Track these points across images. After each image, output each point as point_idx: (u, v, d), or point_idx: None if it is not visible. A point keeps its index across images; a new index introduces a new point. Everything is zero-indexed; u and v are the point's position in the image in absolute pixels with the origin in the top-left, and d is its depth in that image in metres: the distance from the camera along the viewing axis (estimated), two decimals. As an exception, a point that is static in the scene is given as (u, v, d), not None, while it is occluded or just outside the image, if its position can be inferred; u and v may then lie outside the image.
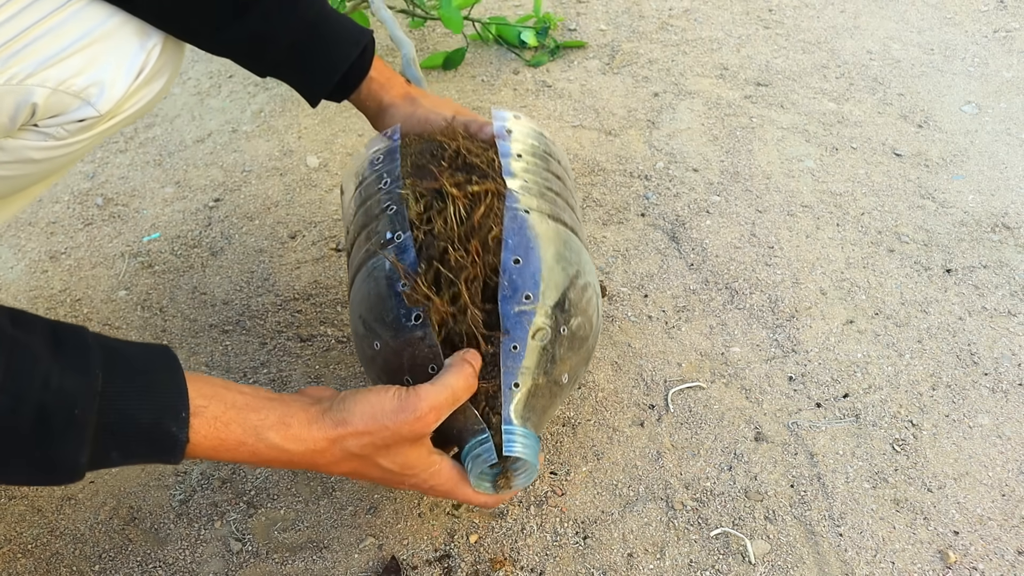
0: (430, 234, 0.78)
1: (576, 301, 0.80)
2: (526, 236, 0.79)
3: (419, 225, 0.79)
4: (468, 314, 0.75)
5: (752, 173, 1.35)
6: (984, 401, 1.01)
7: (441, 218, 0.78)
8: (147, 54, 0.84)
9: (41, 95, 0.77)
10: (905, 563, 0.87)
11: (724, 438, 0.99)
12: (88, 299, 1.21)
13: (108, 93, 0.81)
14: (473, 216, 0.78)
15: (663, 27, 1.69)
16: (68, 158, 0.86)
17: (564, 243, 0.82)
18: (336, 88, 0.95)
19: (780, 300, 1.14)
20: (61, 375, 0.57)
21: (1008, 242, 1.21)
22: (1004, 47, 1.60)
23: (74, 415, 0.57)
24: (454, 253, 0.76)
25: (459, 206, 0.78)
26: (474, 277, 0.76)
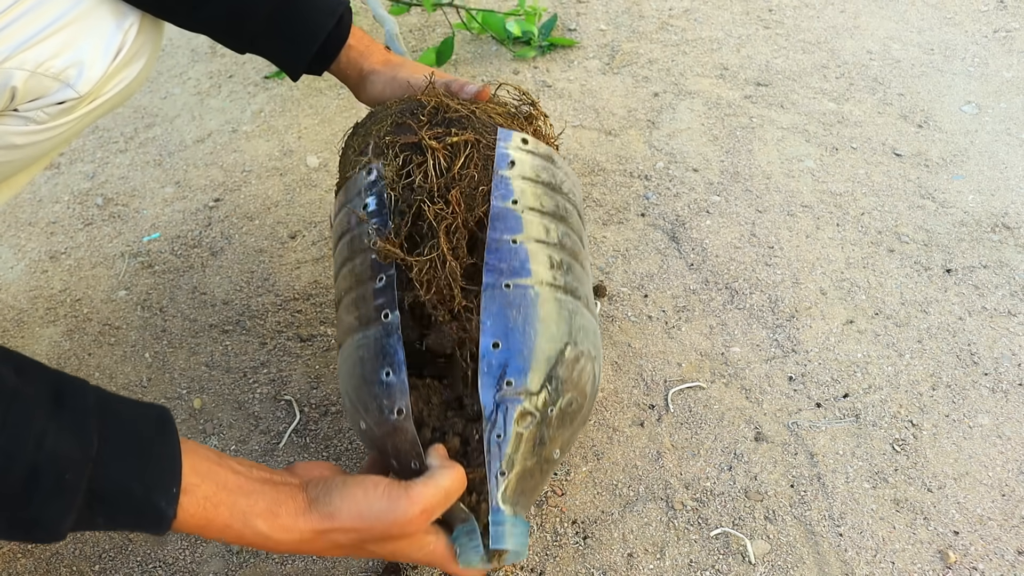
0: (408, 188, 0.77)
1: (566, 377, 0.75)
2: (505, 316, 0.74)
3: (397, 181, 0.78)
4: (447, 266, 0.74)
5: (752, 173, 1.35)
6: (984, 401, 1.01)
7: (421, 172, 0.77)
8: (124, 34, 0.84)
9: (20, 78, 0.77)
10: (905, 563, 0.87)
11: (724, 438, 0.99)
12: (88, 299, 1.21)
13: (87, 74, 0.81)
14: (453, 167, 0.77)
15: (663, 27, 1.69)
16: (51, 143, 0.86)
17: (551, 313, 0.76)
18: (316, 58, 0.94)
19: (780, 300, 1.14)
20: (57, 436, 0.56)
21: (1008, 242, 1.21)
22: (1004, 47, 1.60)
23: (64, 479, 0.56)
24: (433, 207, 0.75)
25: (439, 158, 0.77)
26: (456, 228, 0.75)
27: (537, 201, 0.82)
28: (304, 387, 1.07)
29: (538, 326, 0.75)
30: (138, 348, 1.13)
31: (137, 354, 1.12)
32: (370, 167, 0.82)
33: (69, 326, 1.17)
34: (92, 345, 1.14)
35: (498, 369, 0.72)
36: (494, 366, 0.72)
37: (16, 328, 1.17)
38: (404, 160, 0.79)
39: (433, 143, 0.78)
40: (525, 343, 0.74)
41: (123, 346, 1.14)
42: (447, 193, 0.76)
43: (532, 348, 0.74)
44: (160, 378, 1.09)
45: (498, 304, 0.74)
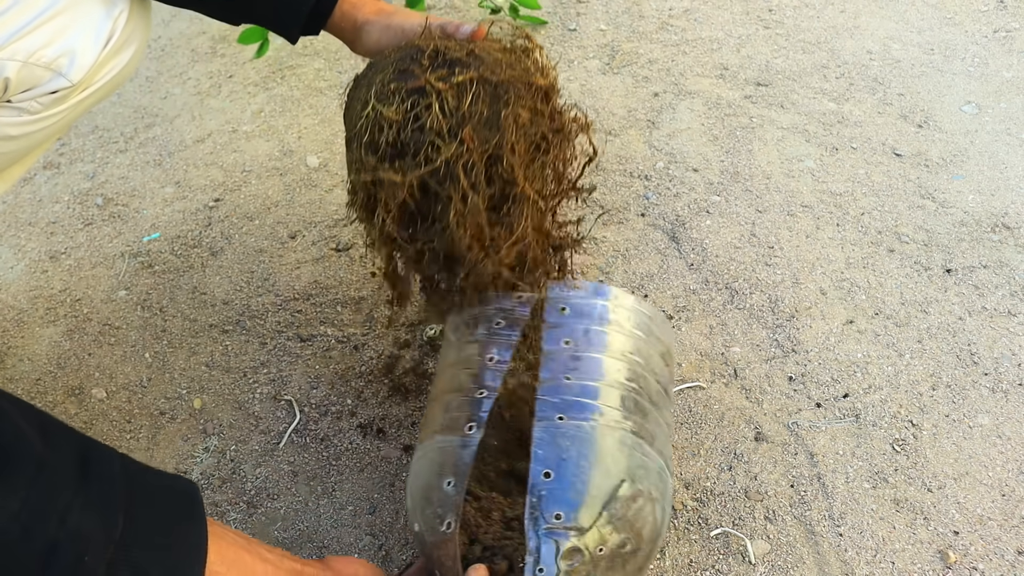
0: (419, 131, 0.76)
1: (621, 515, 0.71)
2: (558, 446, 0.71)
3: (406, 126, 0.77)
4: (468, 202, 0.75)
5: (752, 173, 1.35)
6: (984, 401, 1.01)
7: (429, 115, 0.76)
8: (114, 22, 0.84)
9: (12, 69, 0.77)
10: (905, 563, 0.86)
11: (724, 438, 0.99)
12: (88, 299, 1.21)
13: (79, 62, 0.81)
14: (462, 105, 0.75)
15: (663, 27, 1.69)
16: (46, 132, 0.87)
17: (609, 447, 0.73)
18: (311, 17, 0.93)
19: (780, 300, 1.14)
20: (81, 513, 0.53)
21: (1008, 242, 1.21)
22: (1004, 47, 1.60)
23: (83, 562, 0.53)
24: (447, 146, 0.74)
25: (446, 99, 0.76)
26: (472, 164, 0.75)
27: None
28: (304, 387, 1.07)
29: (592, 459, 0.71)
30: (138, 348, 1.13)
31: (137, 354, 1.12)
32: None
33: (69, 326, 1.17)
34: (92, 345, 1.14)
35: (548, 500, 0.69)
36: (544, 496, 0.69)
37: (16, 328, 1.17)
38: (411, 104, 0.77)
39: (440, 84, 0.76)
40: (578, 476, 0.70)
41: (123, 346, 1.14)
42: (459, 130, 0.75)
43: (586, 482, 0.70)
44: (160, 378, 1.09)
45: (551, 435, 0.72)
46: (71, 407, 1.06)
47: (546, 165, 0.82)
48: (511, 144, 0.76)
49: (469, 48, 0.82)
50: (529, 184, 0.79)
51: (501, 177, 0.77)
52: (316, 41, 1.72)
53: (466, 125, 0.75)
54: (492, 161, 0.77)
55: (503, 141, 0.76)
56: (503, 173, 0.77)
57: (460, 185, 0.74)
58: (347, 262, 1.23)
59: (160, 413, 1.05)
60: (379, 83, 0.81)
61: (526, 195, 0.78)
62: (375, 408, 1.04)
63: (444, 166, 0.75)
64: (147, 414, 1.05)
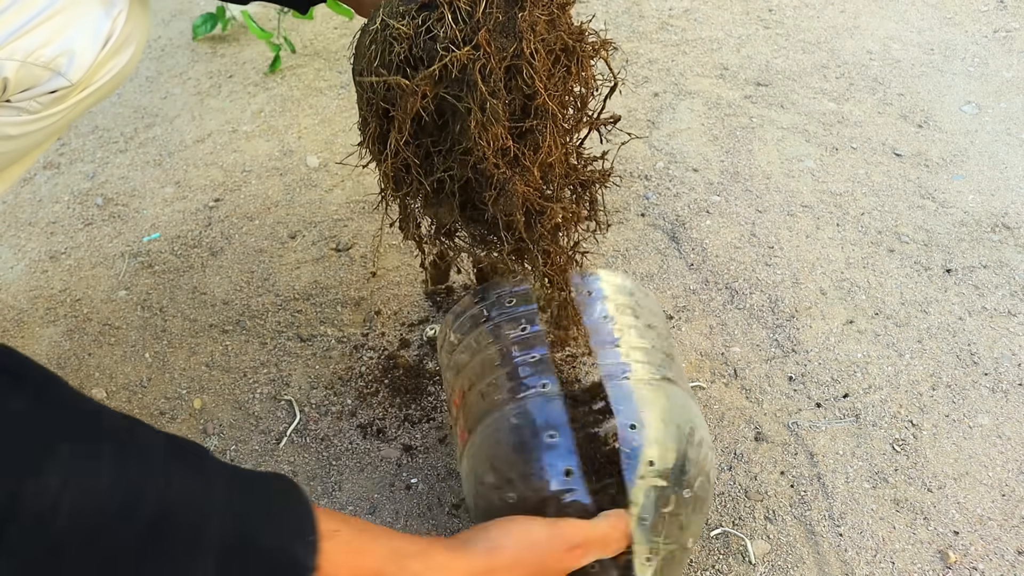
0: (431, 41, 0.72)
1: (696, 459, 0.76)
2: (633, 403, 0.75)
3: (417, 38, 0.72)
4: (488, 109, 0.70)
5: (752, 173, 1.35)
6: (984, 401, 1.01)
7: (442, 25, 0.71)
8: (113, 21, 0.84)
9: (11, 68, 0.77)
10: (905, 563, 0.86)
11: (724, 438, 0.99)
12: (88, 299, 1.21)
13: (78, 61, 0.81)
14: (476, 11, 0.70)
15: (663, 27, 1.69)
16: (46, 132, 0.86)
17: (674, 401, 0.77)
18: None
19: (780, 300, 1.14)
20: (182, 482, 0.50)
21: (1008, 242, 1.21)
22: (1004, 47, 1.60)
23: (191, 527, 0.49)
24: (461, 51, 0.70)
25: (459, 6, 0.71)
26: (490, 70, 0.71)
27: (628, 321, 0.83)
28: (304, 387, 1.07)
29: (663, 411, 0.75)
30: (138, 348, 1.13)
31: (137, 354, 1.12)
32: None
33: (69, 326, 1.17)
34: (92, 345, 1.14)
35: (639, 450, 0.72)
36: (635, 448, 0.72)
37: (16, 328, 1.17)
38: (423, 19, 0.72)
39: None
40: (657, 426, 0.74)
41: (123, 346, 1.14)
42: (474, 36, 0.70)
43: (664, 431, 0.74)
44: (160, 378, 1.09)
45: (623, 392, 0.75)
46: (71, 407, 1.06)
47: (567, 80, 0.77)
48: (530, 51, 0.72)
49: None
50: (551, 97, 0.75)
51: (521, 90, 0.73)
52: (316, 41, 1.72)
53: (481, 30, 0.70)
54: (511, 73, 0.73)
55: (521, 48, 0.72)
56: (523, 85, 0.72)
57: (478, 90, 0.70)
58: (347, 262, 1.23)
59: (160, 413, 1.05)
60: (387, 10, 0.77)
61: (548, 108, 0.74)
62: (375, 408, 1.04)
63: (461, 71, 0.71)
64: (147, 414, 1.05)
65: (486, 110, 0.71)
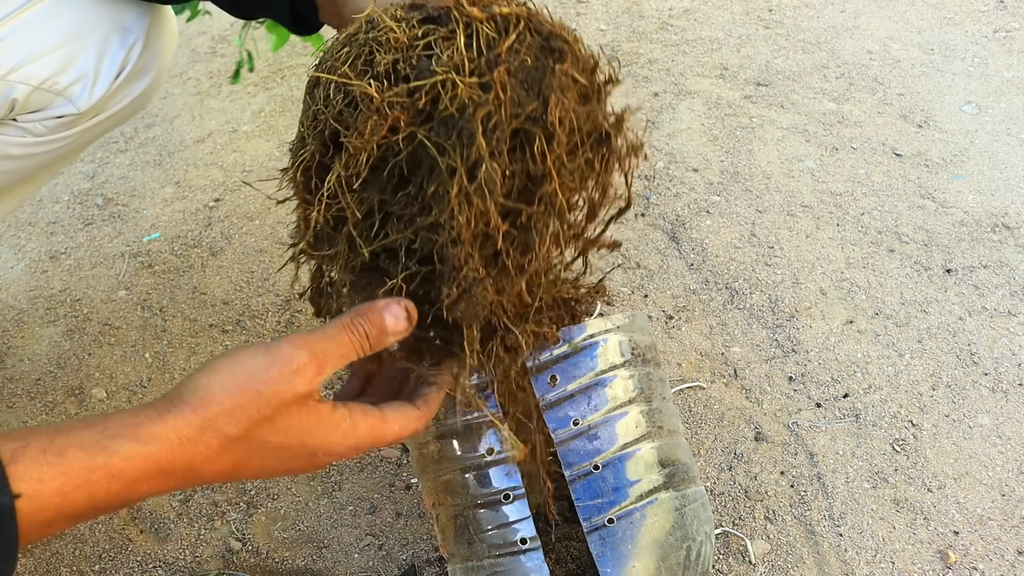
0: (427, 59, 0.53)
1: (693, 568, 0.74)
2: (619, 551, 0.71)
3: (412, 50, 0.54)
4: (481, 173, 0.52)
5: (752, 173, 1.35)
6: (984, 401, 1.01)
7: (449, 47, 0.53)
8: (128, 50, 0.83)
9: (22, 92, 0.76)
10: (905, 563, 0.87)
11: (724, 438, 0.99)
12: (88, 299, 1.21)
13: (89, 90, 0.80)
14: (499, 45, 0.53)
15: (663, 27, 1.69)
16: (51, 156, 0.86)
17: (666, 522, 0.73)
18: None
19: (780, 300, 1.14)
20: None
21: (1008, 242, 1.21)
22: (1004, 47, 1.60)
23: None
24: (465, 82, 0.51)
25: (480, 31, 0.53)
26: (497, 123, 0.52)
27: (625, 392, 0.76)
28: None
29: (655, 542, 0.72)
30: (138, 348, 1.13)
31: (137, 354, 1.12)
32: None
33: (69, 326, 1.17)
34: (92, 345, 1.14)
35: None
36: None
37: (16, 328, 1.17)
38: (424, 32, 0.54)
39: (474, 11, 0.54)
40: (648, 565, 0.71)
41: (123, 346, 1.14)
42: (488, 72, 0.52)
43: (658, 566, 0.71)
44: (160, 378, 1.09)
45: (610, 542, 0.71)
46: (71, 407, 1.06)
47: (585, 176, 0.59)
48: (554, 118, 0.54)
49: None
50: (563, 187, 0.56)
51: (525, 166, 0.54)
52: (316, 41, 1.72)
53: (499, 67, 0.52)
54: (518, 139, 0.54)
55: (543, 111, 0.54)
56: (530, 160, 0.54)
57: (475, 145, 0.51)
58: (347, 262, 1.23)
59: (160, 413, 1.05)
60: (377, 16, 0.58)
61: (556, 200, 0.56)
62: (375, 408, 1.04)
63: (457, 111, 0.52)
64: (147, 414, 1.05)
65: (477, 176, 0.52)
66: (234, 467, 0.54)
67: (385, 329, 0.55)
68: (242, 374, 0.52)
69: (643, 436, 0.75)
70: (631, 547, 0.71)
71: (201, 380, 0.52)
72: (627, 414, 0.75)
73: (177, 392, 0.52)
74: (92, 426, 0.49)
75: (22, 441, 0.47)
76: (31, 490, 0.45)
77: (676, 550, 0.72)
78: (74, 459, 0.47)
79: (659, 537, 0.72)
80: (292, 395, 0.53)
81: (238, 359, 0.52)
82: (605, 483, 0.72)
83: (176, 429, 0.51)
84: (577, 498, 0.71)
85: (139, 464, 0.49)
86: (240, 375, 0.52)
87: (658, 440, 0.75)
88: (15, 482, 0.45)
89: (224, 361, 0.53)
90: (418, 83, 0.52)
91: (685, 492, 0.75)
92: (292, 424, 0.54)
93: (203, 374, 0.52)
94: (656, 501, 0.72)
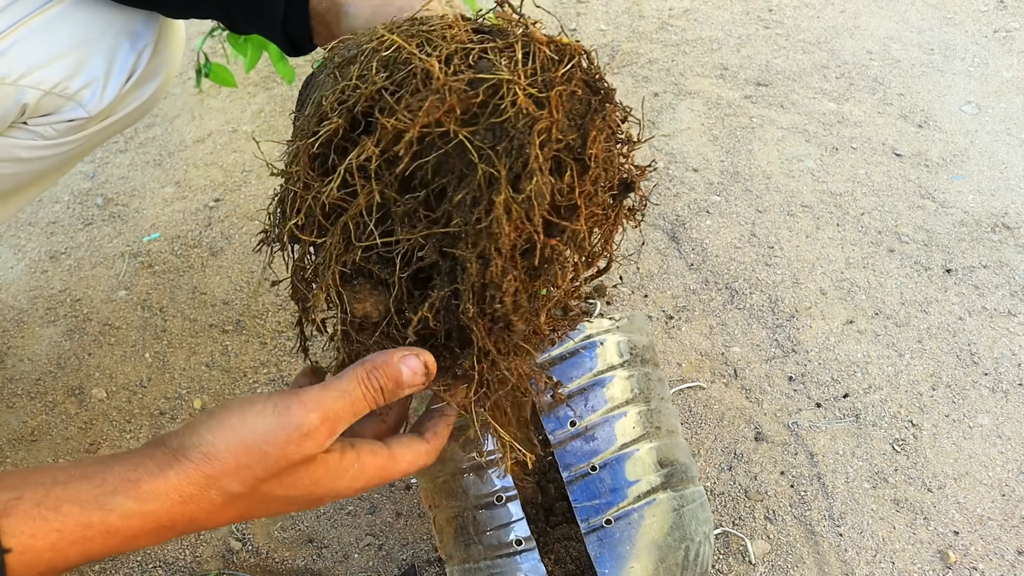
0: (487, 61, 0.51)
1: (691, 568, 0.74)
2: (617, 552, 0.71)
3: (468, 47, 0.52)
4: (535, 180, 0.50)
5: (752, 173, 1.35)
6: (984, 401, 1.01)
7: (509, 56, 0.51)
8: (138, 56, 0.83)
9: (32, 96, 0.76)
10: (905, 563, 0.86)
11: (724, 438, 0.99)
12: (88, 299, 1.21)
13: (99, 95, 0.81)
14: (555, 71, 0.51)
15: (663, 27, 1.69)
16: (59, 159, 0.86)
17: (664, 522, 0.73)
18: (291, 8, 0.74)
19: (780, 300, 1.14)
20: None
21: (1008, 242, 1.21)
22: (1004, 47, 1.60)
23: None
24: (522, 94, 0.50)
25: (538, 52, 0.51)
26: (545, 141, 0.51)
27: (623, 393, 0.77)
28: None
29: (653, 542, 0.72)
30: (138, 348, 1.13)
31: (137, 354, 1.12)
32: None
33: (69, 326, 1.17)
34: (92, 345, 1.14)
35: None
36: None
37: (16, 328, 1.17)
38: (481, 39, 0.52)
39: (536, 31, 0.52)
40: (646, 566, 0.72)
41: (123, 346, 1.14)
42: (546, 89, 0.51)
43: (655, 566, 0.72)
44: (160, 378, 1.09)
45: (608, 544, 0.71)
46: (71, 407, 1.06)
47: (598, 221, 0.59)
48: (590, 153, 0.54)
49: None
50: (583, 225, 0.56)
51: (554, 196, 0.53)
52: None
53: (556, 88, 0.51)
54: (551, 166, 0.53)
55: (583, 144, 0.54)
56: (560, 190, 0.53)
57: (529, 154, 0.49)
58: (347, 262, 1.23)
59: (160, 413, 1.05)
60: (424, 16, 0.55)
61: (579, 232, 0.56)
62: (375, 408, 1.04)
63: (514, 118, 0.49)
64: (147, 414, 1.05)
65: (521, 188, 0.50)
66: (237, 517, 0.53)
67: (401, 383, 0.53)
68: (249, 434, 0.50)
69: (641, 436, 0.75)
70: (629, 548, 0.71)
71: (206, 435, 0.50)
72: (625, 414, 0.75)
73: (180, 444, 0.50)
74: (90, 478, 0.48)
75: (16, 492, 0.46)
76: (23, 545, 0.44)
77: (674, 550, 0.72)
78: (69, 515, 0.46)
79: (657, 538, 0.72)
80: (301, 457, 0.51)
81: (245, 416, 0.51)
82: (603, 484, 0.72)
83: (177, 487, 0.49)
84: (575, 499, 0.72)
85: (137, 523, 0.49)
86: (247, 435, 0.50)
87: (657, 440, 0.75)
88: (6, 537, 0.44)
89: (231, 417, 0.51)
90: (482, 76, 0.49)
91: (683, 492, 0.75)
92: (299, 479, 0.53)
93: (208, 427, 0.51)
94: (654, 502, 0.73)
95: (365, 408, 0.53)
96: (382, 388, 0.53)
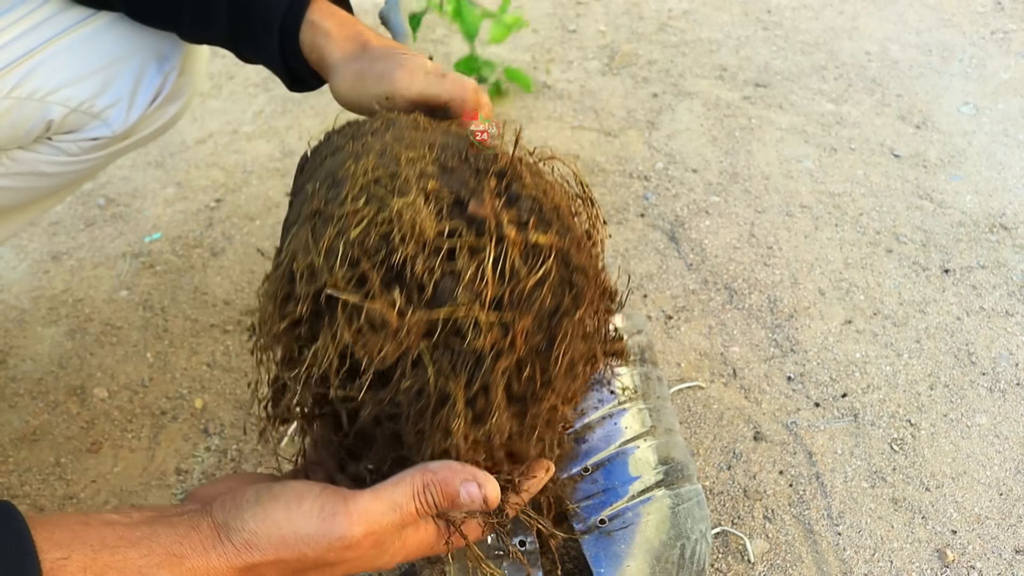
0: (451, 276, 0.50)
1: (688, 568, 0.74)
2: (613, 553, 0.71)
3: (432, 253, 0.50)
4: (494, 418, 0.50)
5: (751, 174, 1.35)
6: (982, 401, 1.02)
7: (474, 264, 0.50)
8: (165, 77, 0.84)
9: (59, 113, 0.77)
10: (903, 562, 0.87)
11: (723, 437, 0.99)
12: (90, 299, 1.21)
13: (125, 115, 0.82)
14: (526, 280, 0.50)
15: (662, 28, 1.70)
16: (78, 175, 0.87)
17: (660, 521, 0.73)
18: (284, 52, 0.72)
19: (779, 300, 1.15)
20: None
21: (1005, 242, 1.22)
22: (1002, 48, 1.61)
23: None
24: (485, 324, 0.49)
25: (511, 255, 0.50)
26: (507, 369, 0.51)
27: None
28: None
29: (649, 542, 0.72)
30: (139, 348, 1.14)
31: (139, 354, 1.13)
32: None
33: (71, 326, 1.17)
34: (94, 345, 1.14)
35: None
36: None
37: (18, 328, 1.17)
38: (452, 230, 0.51)
39: (512, 233, 0.50)
40: (643, 567, 0.71)
41: (125, 346, 1.14)
42: (512, 310, 0.50)
43: (652, 566, 0.72)
44: (161, 378, 1.09)
45: (602, 545, 0.71)
46: (73, 407, 1.07)
47: (572, 386, 0.59)
48: (557, 357, 0.53)
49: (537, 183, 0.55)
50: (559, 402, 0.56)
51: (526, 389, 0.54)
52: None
53: (525, 316, 0.50)
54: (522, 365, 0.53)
55: (550, 355, 0.53)
56: (528, 389, 0.53)
57: (491, 392, 0.50)
58: (348, 262, 1.23)
59: (162, 413, 1.05)
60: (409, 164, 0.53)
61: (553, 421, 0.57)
62: (376, 408, 1.04)
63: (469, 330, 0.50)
64: (149, 414, 1.05)
65: (482, 418, 0.51)
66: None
67: (457, 504, 0.53)
68: (291, 533, 0.51)
69: (640, 435, 0.75)
70: (625, 547, 0.71)
71: (250, 522, 0.52)
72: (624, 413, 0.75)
73: (224, 523, 0.52)
74: (137, 545, 0.50)
75: (64, 551, 0.47)
76: None
77: (670, 548, 0.72)
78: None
79: (653, 536, 0.72)
80: (339, 560, 0.52)
81: (291, 514, 0.52)
82: (599, 483, 0.72)
83: (218, 569, 0.51)
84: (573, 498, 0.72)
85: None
86: (289, 534, 0.51)
87: (655, 439, 0.76)
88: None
89: (277, 511, 0.52)
90: (437, 313, 0.49)
91: (679, 491, 0.75)
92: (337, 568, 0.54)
93: (253, 515, 0.52)
94: (650, 500, 0.73)
95: (413, 520, 0.54)
96: (435, 504, 0.53)
